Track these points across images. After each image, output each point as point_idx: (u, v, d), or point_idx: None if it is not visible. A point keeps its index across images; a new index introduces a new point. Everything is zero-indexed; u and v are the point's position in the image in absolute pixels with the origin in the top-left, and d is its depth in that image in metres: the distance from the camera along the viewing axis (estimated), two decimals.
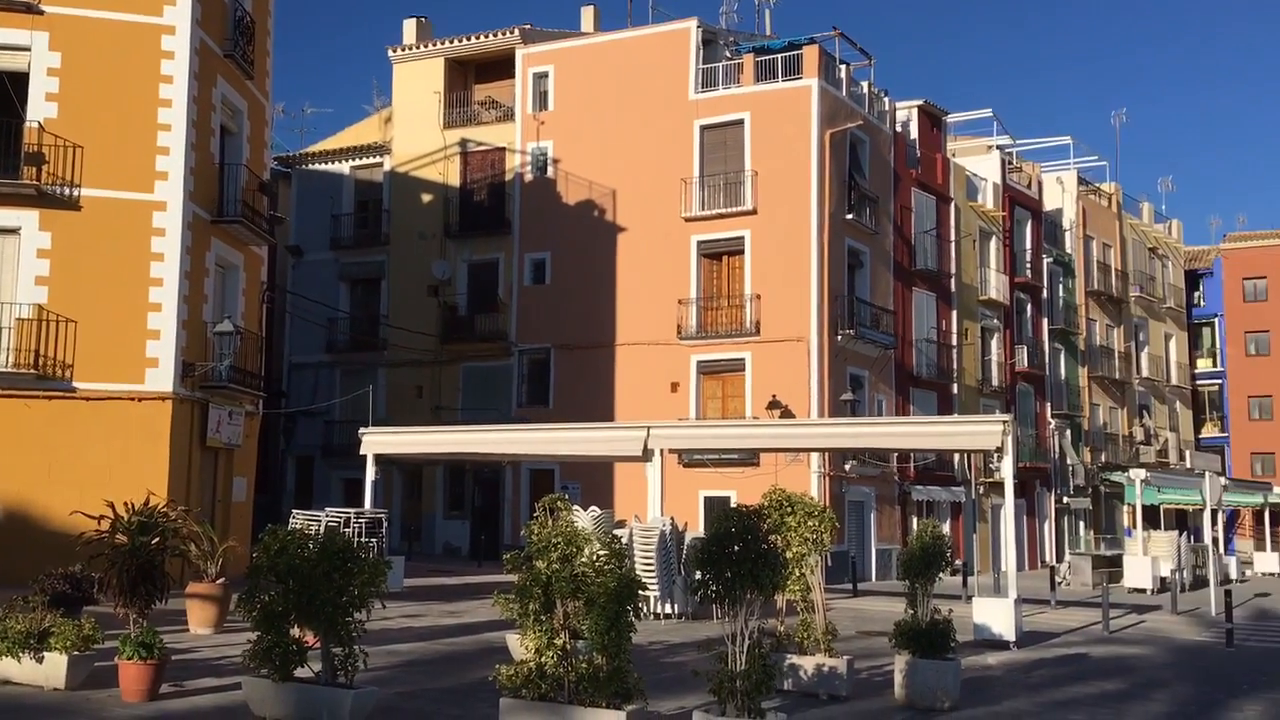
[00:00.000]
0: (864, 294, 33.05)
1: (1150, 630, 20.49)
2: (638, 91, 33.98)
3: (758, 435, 23.59)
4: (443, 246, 36.49)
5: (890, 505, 33.80)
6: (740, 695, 7.77)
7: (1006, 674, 14.32)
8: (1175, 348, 54.97)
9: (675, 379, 32.01)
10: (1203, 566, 30.46)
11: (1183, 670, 15.20)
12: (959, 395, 37.13)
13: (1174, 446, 51.33)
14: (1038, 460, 40.88)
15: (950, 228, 37.93)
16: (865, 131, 33.73)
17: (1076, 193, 46.55)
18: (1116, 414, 48.39)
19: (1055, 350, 44.00)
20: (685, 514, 25.14)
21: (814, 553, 11.69)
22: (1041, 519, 42.02)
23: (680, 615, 19.46)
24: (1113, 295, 48.28)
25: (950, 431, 21.94)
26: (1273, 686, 13.51)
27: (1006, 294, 40.40)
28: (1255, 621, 22.75)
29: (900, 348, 34.51)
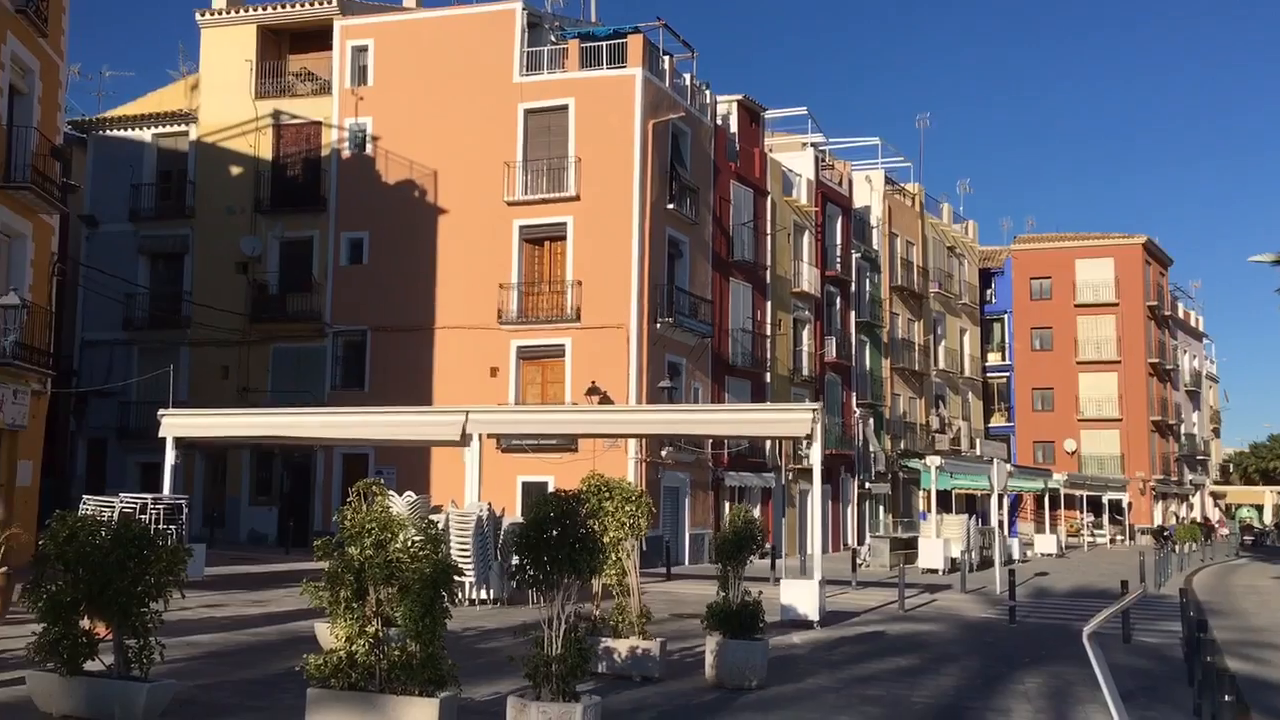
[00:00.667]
0: (683, 283, 33.63)
1: (942, 608, 21.68)
2: (461, 71, 33.50)
3: (577, 421, 23.71)
4: (253, 222, 35.06)
5: (704, 491, 34.57)
6: (555, 679, 7.82)
7: (811, 652, 14.90)
8: (969, 342, 58.23)
9: (495, 364, 31.81)
10: (989, 548, 32.39)
11: (970, 645, 16.16)
12: (772, 384, 38.27)
13: (966, 435, 54.44)
14: (843, 448, 42.59)
15: (767, 221, 39.00)
16: (687, 123, 34.26)
17: (883, 192, 48.64)
18: (915, 404, 50.89)
19: (861, 342, 45.91)
20: (503, 499, 25.04)
21: (631, 537, 11.85)
22: (845, 504, 43.82)
23: (497, 601, 19.39)
24: (914, 291, 50.71)
25: (763, 419, 22.62)
26: (1050, 660, 14.50)
27: (818, 287, 41.86)
28: (1035, 599, 24.37)
29: (717, 337, 35.29)
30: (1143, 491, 62.34)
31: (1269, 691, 12.82)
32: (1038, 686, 12.50)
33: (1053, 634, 17.48)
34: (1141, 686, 12.62)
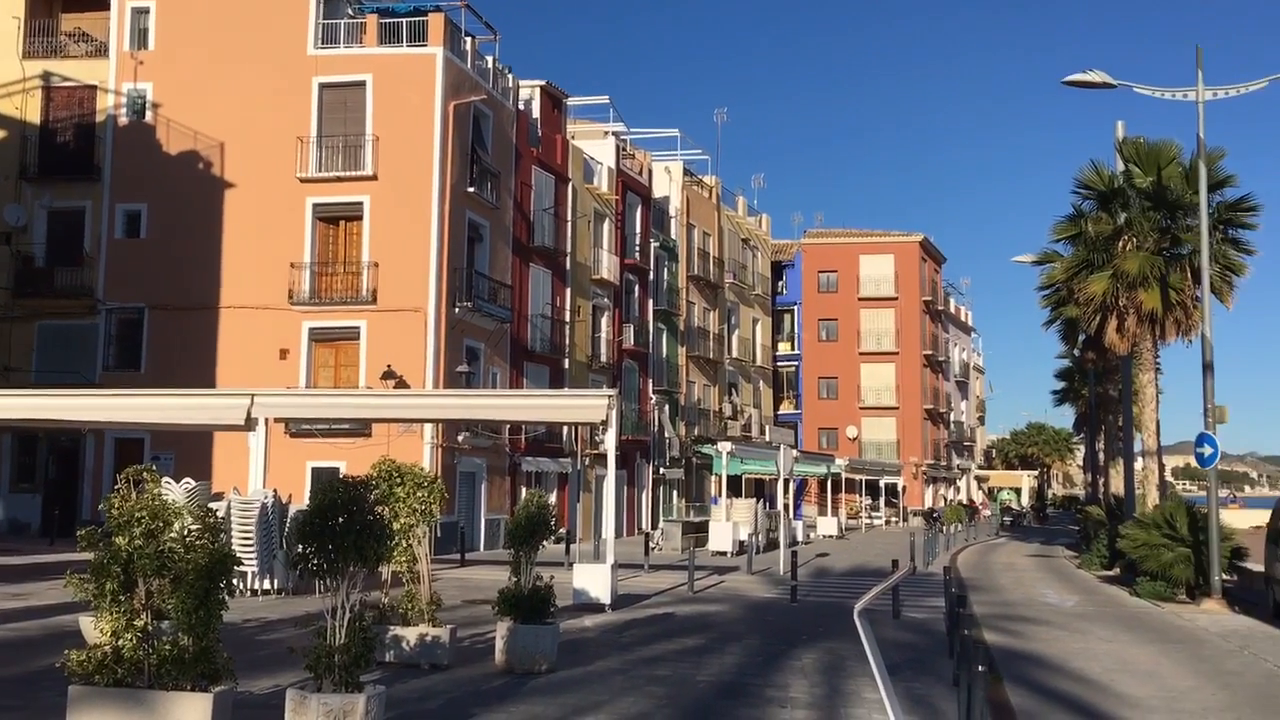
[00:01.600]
0: (483, 267, 33.36)
1: (729, 589, 22.41)
2: (251, 40, 32.08)
3: (371, 405, 23.17)
4: (18, 189, 32.55)
5: (501, 476, 34.47)
6: (337, 670, 7.66)
7: (601, 635, 15.13)
8: (761, 331, 60.22)
9: (285, 345, 30.70)
10: (775, 530, 33.66)
11: (754, 624, 16.78)
12: (570, 370, 38.49)
13: (756, 422, 56.32)
14: (639, 433, 43.31)
15: (568, 207, 39.14)
16: (489, 106, 33.95)
17: (682, 183, 49.62)
18: (709, 391, 52.26)
19: (659, 330, 46.76)
20: (290, 486, 24.21)
21: (422, 523, 11.72)
22: (640, 488, 44.59)
23: (281, 591, 18.79)
24: (710, 280, 52.02)
25: (560, 405, 22.73)
26: (827, 637, 15.23)
27: (617, 274, 42.34)
28: (815, 579, 25.51)
29: (516, 322, 35.19)
30: (915, 476, 66.16)
31: (1021, 662, 13.85)
32: (814, 662, 13.12)
33: (830, 611, 18.34)
34: (908, 659, 13.42)
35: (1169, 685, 12.28)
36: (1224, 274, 26.08)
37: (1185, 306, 26.27)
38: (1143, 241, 26.96)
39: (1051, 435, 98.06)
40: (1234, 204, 26.06)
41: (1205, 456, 21.24)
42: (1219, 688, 12.16)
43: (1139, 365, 28.26)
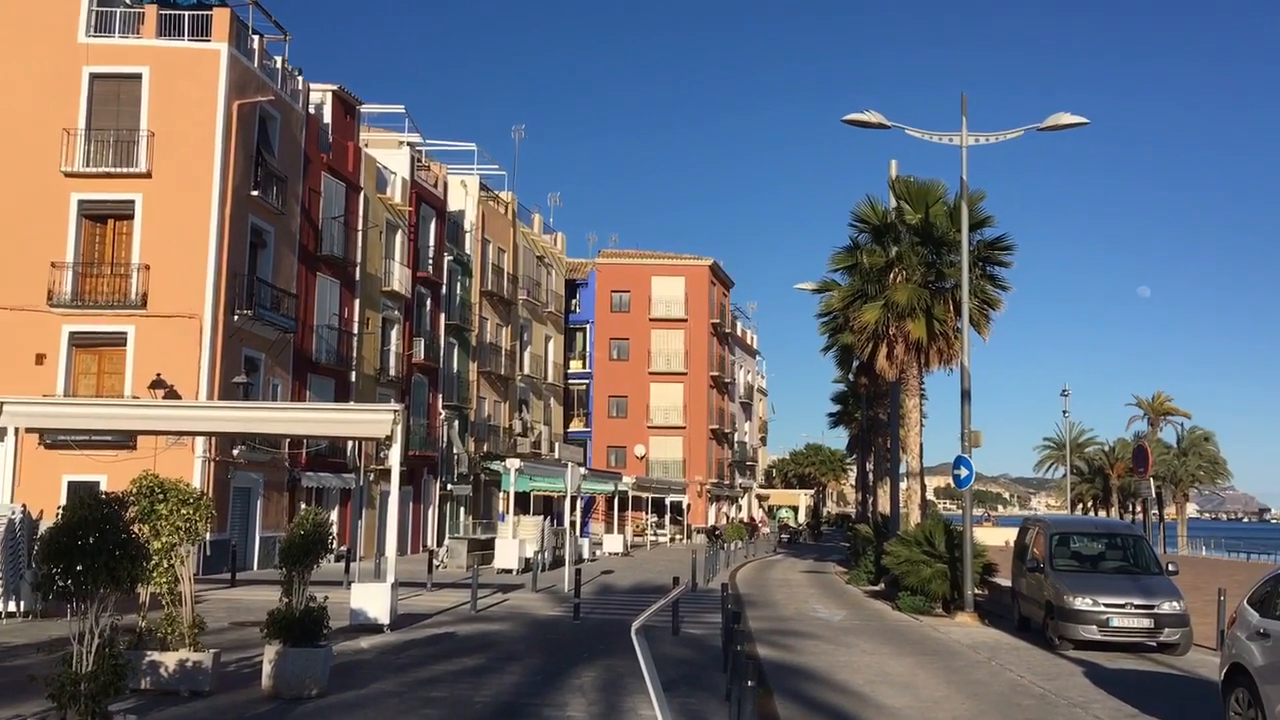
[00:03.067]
0: (266, 274, 32.10)
1: (513, 607, 22.31)
2: (13, 21, 29.87)
3: (137, 416, 21.84)
4: None
5: (279, 491, 33.17)
6: (84, 699, 7.18)
7: (378, 657, 14.76)
8: (553, 349, 60.43)
9: (41, 350, 28.59)
10: (561, 547, 33.77)
11: (535, 643, 16.77)
12: (357, 383, 37.50)
13: (546, 439, 56.39)
14: (427, 449, 42.60)
15: (359, 217, 38.19)
16: (277, 108, 32.78)
17: (478, 197, 49.30)
18: (500, 407, 51.99)
19: (450, 344, 46.19)
20: (44, 501, 22.43)
21: (186, 542, 11.15)
22: (427, 505, 43.84)
23: (29, 614, 17.46)
24: (504, 297, 51.83)
25: (343, 419, 22.07)
26: (608, 654, 15.38)
27: (409, 287, 41.60)
28: (600, 596, 25.73)
29: (300, 332, 34.03)
30: (700, 494, 67.81)
31: (791, 675, 14.39)
32: (593, 680, 13.22)
33: (612, 629, 18.52)
34: (684, 675, 13.71)
35: (923, 695, 13.02)
36: (982, 308, 27.97)
37: (948, 337, 28.02)
38: (911, 274, 28.62)
39: (828, 456, 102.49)
40: (992, 243, 28.01)
41: (961, 478, 22.72)
42: (967, 697, 12.98)
43: (906, 391, 29.92)
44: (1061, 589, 17.71)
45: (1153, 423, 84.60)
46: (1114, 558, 19.46)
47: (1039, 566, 19.06)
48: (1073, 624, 17.28)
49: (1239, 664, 10.14)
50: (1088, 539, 20.24)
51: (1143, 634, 17.15)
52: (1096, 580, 18.09)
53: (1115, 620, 17.12)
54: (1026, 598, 19.97)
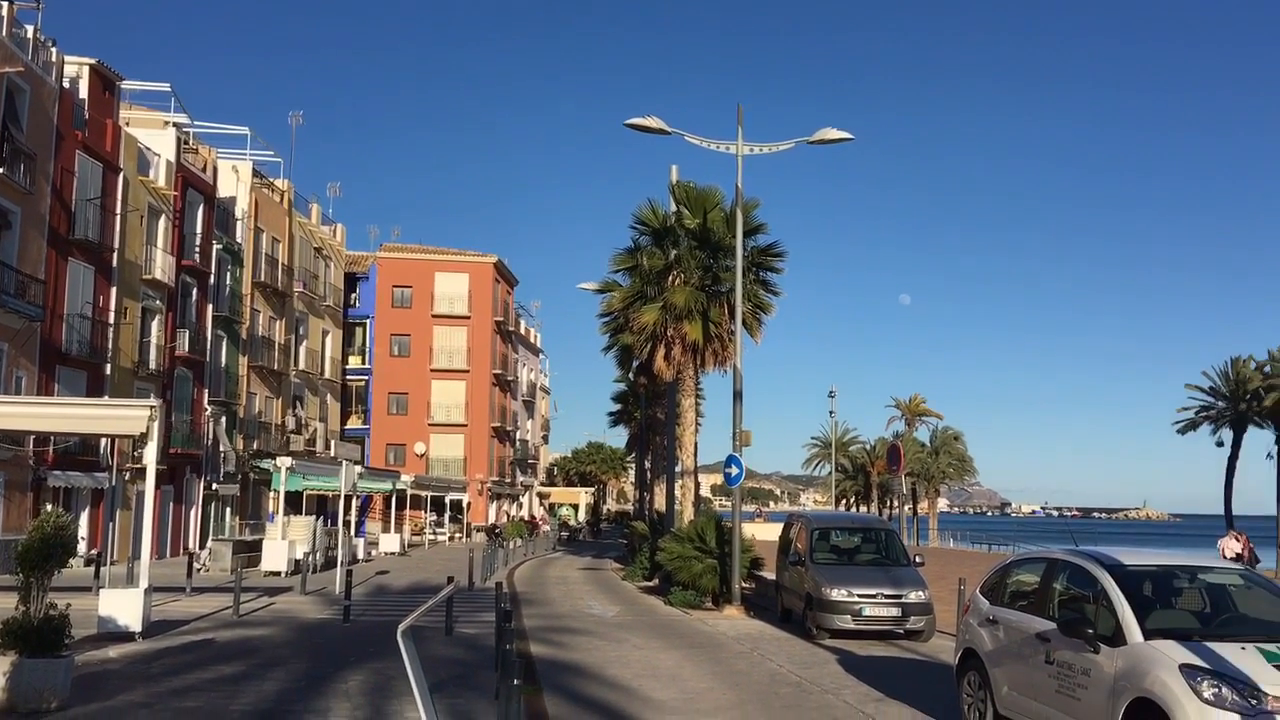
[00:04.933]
0: (10, 259, 29.76)
1: (279, 611, 21.55)
2: None
3: None
4: None
5: (21, 491, 30.79)
6: None
7: (126, 666, 13.97)
8: (331, 343, 58.65)
9: None
10: (334, 548, 32.85)
11: (301, 648, 16.26)
12: (113, 376, 35.25)
13: (322, 436, 54.68)
14: (190, 446, 40.51)
15: (117, 200, 35.91)
16: (26, 80, 30.42)
17: (251, 184, 47.25)
18: (272, 403, 50.02)
19: (218, 337, 44.08)
20: None
21: None
22: (189, 505, 41.68)
23: None
24: (278, 289, 49.90)
25: (95, 415, 20.66)
26: (377, 657, 15.10)
27: (172, 276, 39.44)
28: (373, 597, 25.21)
29: (49, 321, 31.71)
30: (480, 492, 67.38)
31: (562, 671, 14.54)
32: (360, 684, 12.96)
33: (384, 631, 18.18)
34: (455, 675, 13.64)
35: (689, 687, 13.44)
36: (755, 311, 29.07)
37: (722, 339, 29.00)
38: (689, 277, 29.45)
39: (609, 454, 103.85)
40: (765, 249, 29.16)
41: (732, 476, 23.54)
42: (730, 687, 13.49)
43: (682, 391, 30.75)
44: (820, 581, 18.64)
45: (909, 423, 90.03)
46: (868, 551, 20.62)
47: (800, 560, 19.99)
48: (829, 614, 18.23)
49: (971, 649, 10.97)
50: (845, 533, 21.37)
51: (891, 622, 18.27)
52: (851, 572, 19.13)
53: (867, 610, 18.17)
54: (789, 590, 20.90)
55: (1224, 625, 8.94)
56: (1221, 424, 62.84)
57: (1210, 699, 7.50)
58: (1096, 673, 8.63)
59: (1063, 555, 10.13)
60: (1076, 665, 8.92)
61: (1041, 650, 9.48)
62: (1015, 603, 10.53)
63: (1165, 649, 8.11)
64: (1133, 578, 9.19)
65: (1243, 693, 7.45)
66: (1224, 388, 62.69)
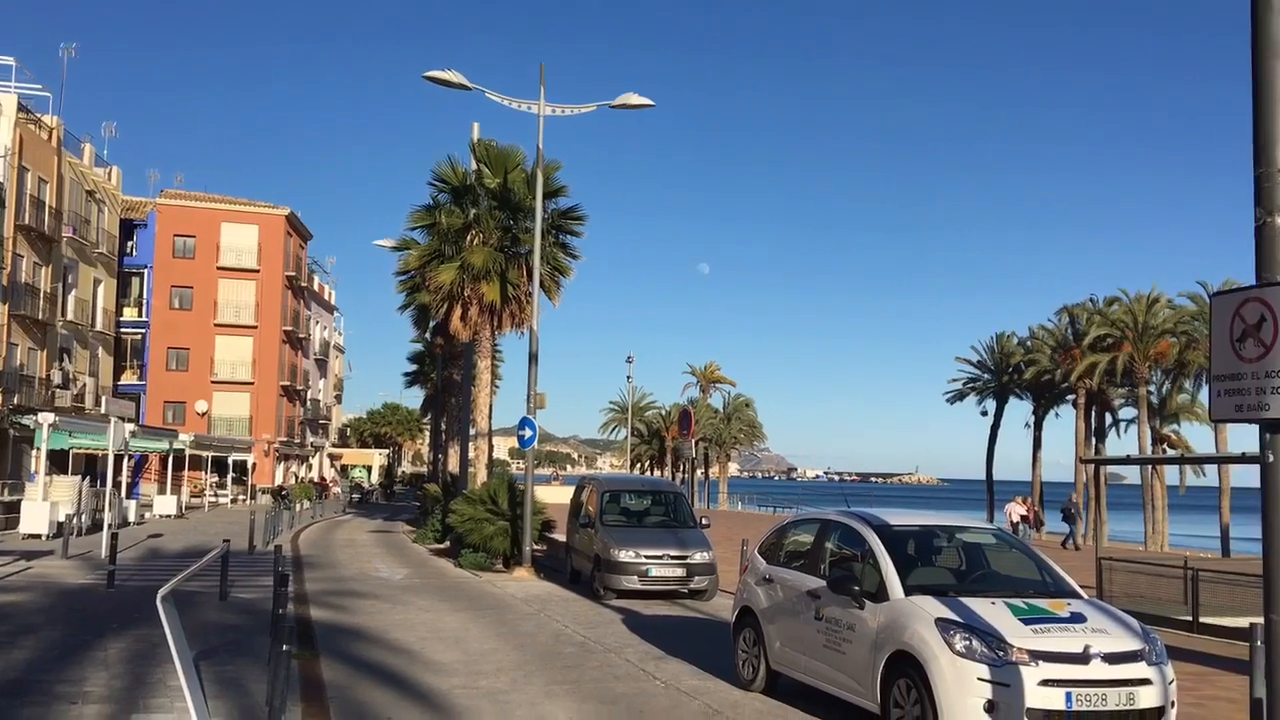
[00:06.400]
0: None
1: (37, 576, 20.16)
2: None
3: None
4: None
5: None
6: None
7: None
8: (104, 293, 55.01)
9: None
10: (102, 510, 30.96)
11: (58, 614, 15.25)
12: None
13: (92, 391, 51.36)
14: None
15: None
16: None
17: (15, 119, 43.56)
18: (36, 355, 46.56)
19: None
20: None
21: None
22: None
23: None
24: (44, 233, 46.33)
25: None
26: (141, 624, 14.29)
27: None
28: (144, 562, 23.90)
29: None
30: (267, 453, 64.90)
31: (343, 636, 14.16)
32: (121, 651, 12.25)
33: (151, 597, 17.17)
34: (228, 642, 13.08)
35: (473, 649, 13.34)
36: (554, 274, 29.04)
37: (520, 301, 28.81)
38: (488, 238, 29.07)
39: (405, 415, 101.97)
40: (565, 212, 29.12)
41: (525, 438, 23.48)
42: (514, 648, 13.47)
43: (479, 353, 30.41)
44: (608, 542, 18.87)
45: (704, 389, 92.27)
46: (657, 513, 21.00)
47: (591, 522, 20.17)
48: (617, 575, 18.49)
49: (747, 607, 11.31)
50: (635, 496, 21.69)
51: (677, 582, 18.70)
52: (640, 534, 19.45)
53: (654, 570, 18.52)
54: (579, 552, 21.08)
55: (977, 582, 9.52)
56: (986, 395, 67.23)
57: (961, 651, 7.98)
58: (861, 627, 9.05)
59: (835, 516, 10.55)
60: (843, 621, 9.32)
61: (812, 607, 9.87)
62: (791, 562, 10.91)
63: (923, 604, 8.57)
64: (897, 537, 9.66)
65: (991, 645, 7.95)
66: (989, 361, 67.03)
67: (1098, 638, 8.07)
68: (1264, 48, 5.95)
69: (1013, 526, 38.09)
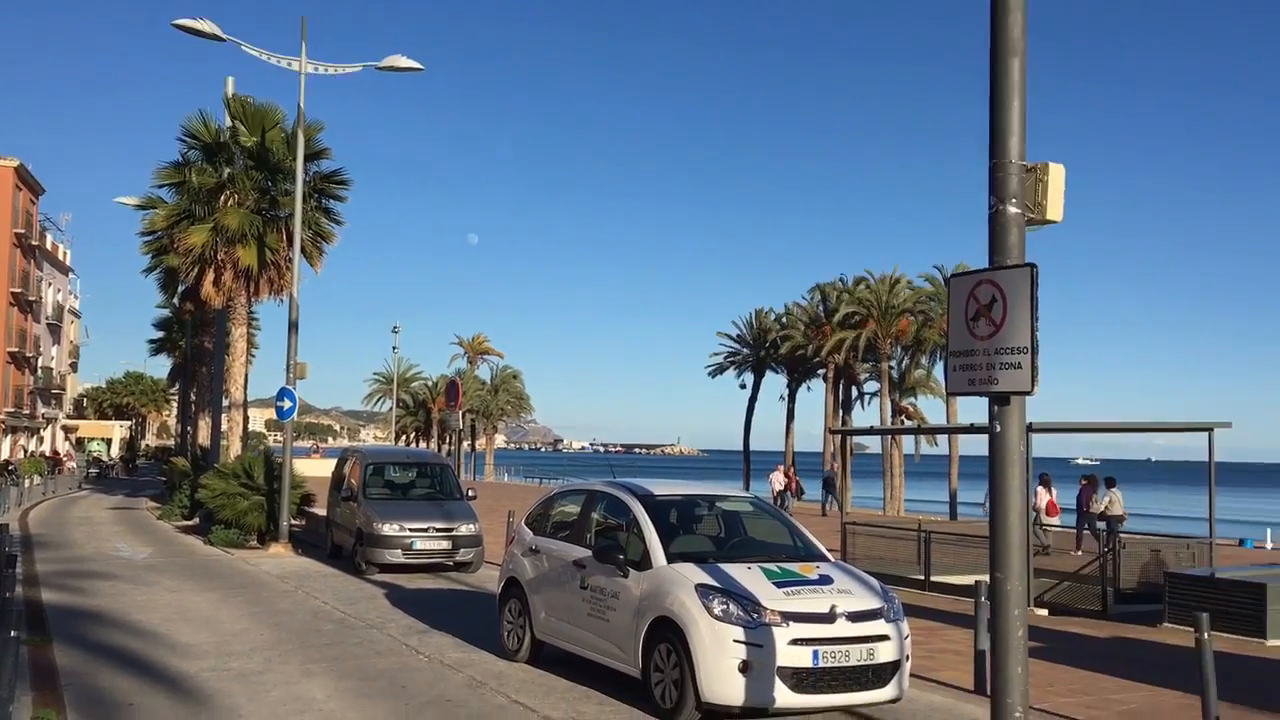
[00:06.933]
0: None
1: None
2: None
3: None
4: None
5: None
6: None
7: None
8: None
9: None
10: None
11: None
12: None
13: None
14: None
15: None
16: None
17: None
18: None
19: None
20: None
21: None
22: None
23: None
24: None
25: None
26: None
27: None
28: None
29: None
30: None
31: (80, 619, 13.24)
32: None
33: None
34: None
35: (224, 629, 12.75)
36: (316, 239, 27.96)
37: (280, 267, 27.60)
38: (244, 199, 27.67)
39: (149, 385, 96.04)
40: (329, 175, 28.07)
41: (284, 409, 22.60)
42: (269, 627, 12.96)
43: (234, 320, 28.95)
44: (372, 516, 18.45)
45: (472, 361, 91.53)
46: (423, 485, 20.69)
47: (353, 495, 19.64)
48: (380, 549, 18.12)
49: (513, 578, 11.33)
50: (400, 468, 21.28)
51: (442, 555, 18.51)
52: (404, 507, 19.12)
53: (418, 543, 18.27)
54: (340, 526, 20.51)
55: (735, 548, 9.90)
56: (745, 369, 69.87)
57: (719, 615, 8.28)
58: (625, 595, 9.24)
59: (601, 487, 10.71)
60: (608, 589, 9.49)
61: (578, 576, 10.00)
62: (557, 533, 11.00)
63: (684, 571, 8.83)
64: (660, 507, 9.91)
65: (746, 608, 8.29)
66: (749, 336, 69.67)
67: (842, 598, 8.56)
68: (1002, 46, 6.40)
69: (777, 495, 39.85)
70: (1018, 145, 6.35)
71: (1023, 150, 6.36)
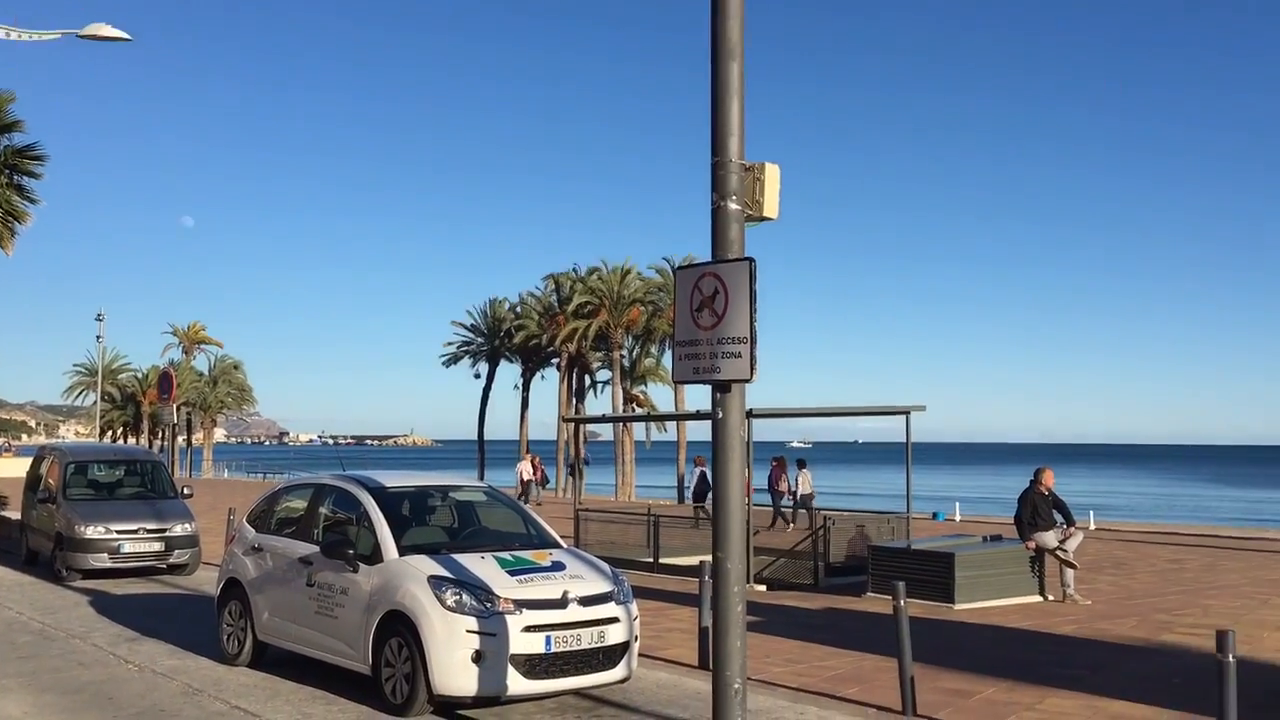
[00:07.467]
0: None
1: None
2: None
3: None
4: None
5: None
6: None
7: None
8: None
9: None
10: None
11: None
12: None
13: None
14: None
15: None
16: None
17: None
18: None
19: None
20: None
21: None
22: None
23: None
24: None
25: None
26: None
27: None
28: None
29: None
30: None
31: None
32: None
33: None
34: None
35: None
36: (7, 219, 25.59)
37: None
38: None
39: None
40: (21, 150, 25.75)
41: None
42: None
43: None
44: (73, 518, 17.11)
45: (187, 351, 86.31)
46: (131, 484, 19.35)
47: (52, 496, 18.15)
48: (83, 553, 16.83)
49: (234, 578, 10.82)
50: (105, 467, 19.80)
51: (154, 557, 17.40)
52: (111, 507, 17.83)
53: (127, 546, 17.10)
54: (37, 530, 18.90)
55: (469, 538, 9.88)
56: (479, 358, 69.57)
57: (452, 605, 8.25)
58: (355, 591, 9.03)
59: (330, 480, 10.41)
60: (337, 585, 9.24)
61: (304, 574, 9.68)
62: (282, 530, 10.60)
63: (416, 563, 8.74)
64: (392, 499, 9.75)
65: (480, 597, 8.30)
66: (483, 325, 69.40)
67: (574, 583, 8.73)
68: (722, 50, 6.69)
69: (524, 485, 39.91)
70: (737, 145, 6.65)
71: (742, 150, 6.66)
